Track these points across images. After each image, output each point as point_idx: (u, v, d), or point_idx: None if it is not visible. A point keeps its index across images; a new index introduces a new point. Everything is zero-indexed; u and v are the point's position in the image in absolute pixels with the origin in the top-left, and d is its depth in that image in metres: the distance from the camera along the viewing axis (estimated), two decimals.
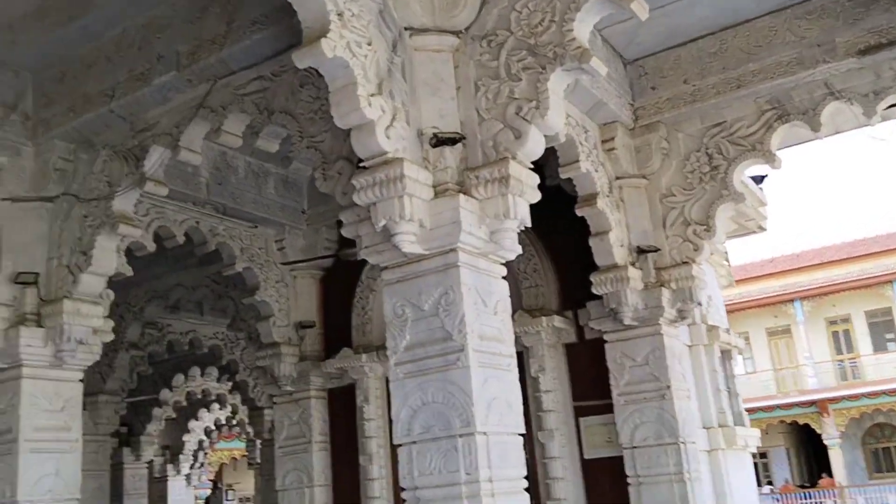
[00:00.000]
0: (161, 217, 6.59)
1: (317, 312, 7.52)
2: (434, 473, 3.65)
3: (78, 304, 5.33)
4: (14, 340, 5.20)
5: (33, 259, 5.46)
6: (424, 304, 3.84)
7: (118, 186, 5.29)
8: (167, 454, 15.60)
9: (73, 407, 5.48)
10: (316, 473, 7.16)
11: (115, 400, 8.99)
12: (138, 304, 8.79)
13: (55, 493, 5.22)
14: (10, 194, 5.46)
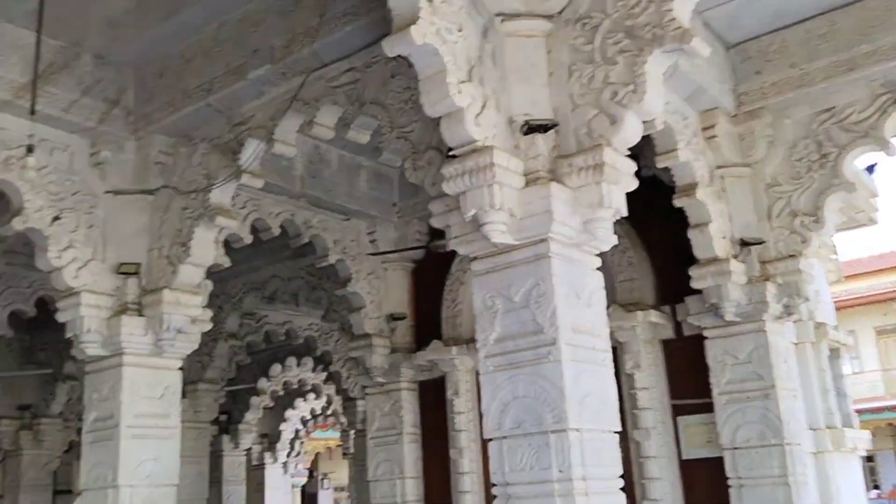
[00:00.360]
0: (257, 209, 6.69)
1: (408, 304, 7.51)
2: (525, 470, 3.56)
3: (177, 294, 5.45)
4: (116, 329, 5.36)
5: (135, 250, 5.63)
6: (515, 296, 3.74)
7: (215, 179, 5.38)
8: (265, 442, 15.99)
9: (172, 394, 5.62)
10: (407, 465, 7.16)
11: (214, 388, 9.22)
12: (237, 295, 8.98)
13: (154, 478, 5.36)
14: (113, 187, 5.64)
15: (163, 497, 5.41)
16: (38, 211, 5.25)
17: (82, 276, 5.39)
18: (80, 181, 5.53)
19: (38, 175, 5.29)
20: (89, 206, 5.54)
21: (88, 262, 5.45)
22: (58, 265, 5.31)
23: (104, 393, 5.44)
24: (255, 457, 15.84)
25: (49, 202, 5.32)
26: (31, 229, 5.25)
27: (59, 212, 5.36)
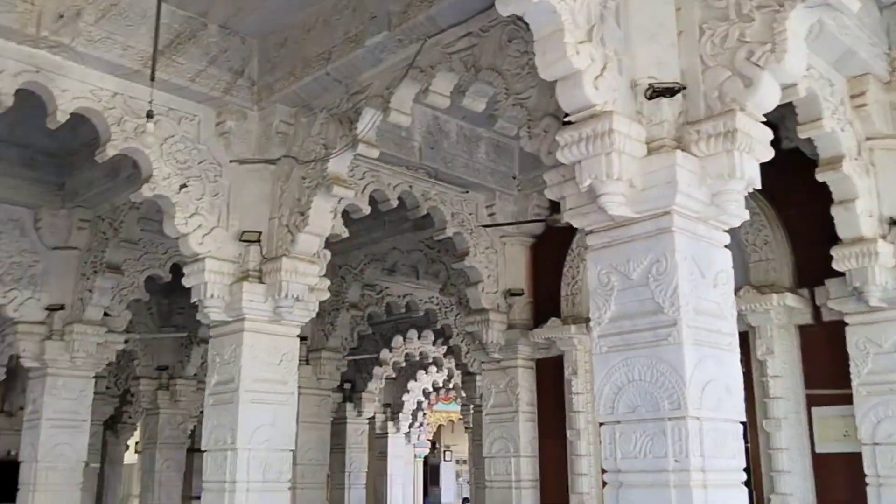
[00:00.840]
0: (376, 181, 6.68)
1: (526, 280, 7.35)
2: (639, 457, 3.34)
3: (296, 263, 5.50)
4: (237, 295, 5.47)
5: (257, 218, 5.72)
6: (633, 273, 3.51)
7: (333, 149, 5.38)
8: (388, 412, 16.28)
9: (289, 361, 5.69)
10: (522, 444, 7.03)
11: (336, 357, 9.36)
12: (358, 266, 9.07)
13: (271, 442, 5.45)
14: (237, 156, 5.74)
15: (279, 461, 5.51)
16: (166, 179, 5.40)
17: (207, 243, 5.52)
18: (206, 150, 5.65)
19: (167, 144, 5.45)
20: (214, 174, 5.66)
21: (213, 229, 5.57)
22: (184, 231, 5.45)
23: (226, 357, 5.57)
24: (379, 426, 16.16)
25: (176, 170, 5.46)
26: (159, 196, 5.41)
27: (185, 180, 5.49)
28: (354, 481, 13.36)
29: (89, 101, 5.13)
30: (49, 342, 7.41)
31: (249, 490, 5.31)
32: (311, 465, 9.08)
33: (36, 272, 7.58)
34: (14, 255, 7.49)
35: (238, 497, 5.26)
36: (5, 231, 7.48)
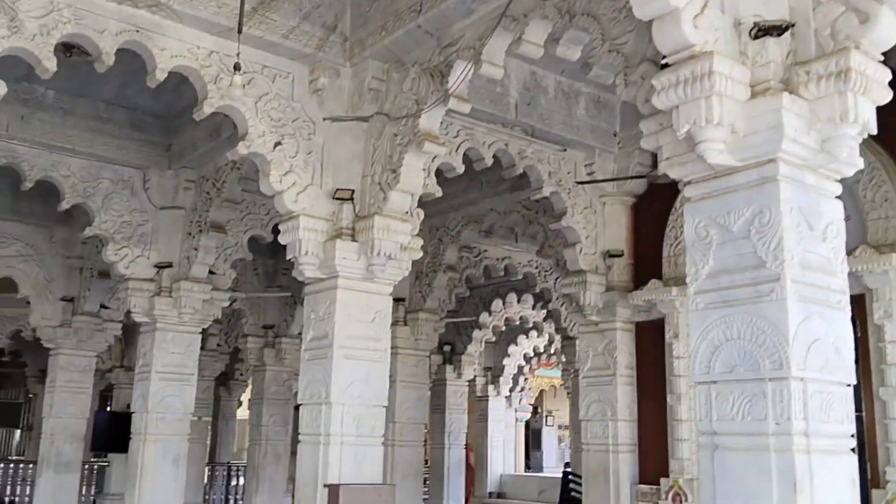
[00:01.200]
0: (470, 138, 6.57)
1: (626, 241, 7.11)
2: (736, 419, 3.16)
3: (388, 221, 5.47)
4: (331, 253, 5.50)
5: (350, 176, 5.72)
6: (733, 225, 3.30)
7: (425, 104, 5.30)
8: (488, 375, 16.31)
9: (382, 319, 5.70)
10: (620, 407, 6.86)
11: (434, 318, 9.37)
12: (455, 227, 9.02)
13: (364, 398, 5.49)
14: (330, 114, 5.74)
15: (372, 416, 5.54)
16: (261, 136, 5.46)
17: (301, 201, 5.56)
18: (300, 108, 5.68)
19: (261, 101, 5.50)
20: (308, 132, 5.68)
21: (307, 187, 5.61)
22: (279, 189, 5.51)
23: (320, 313, 5.63)
24: (479, 388, 16.23)
25: (271, 128, 5.51)
26: (254, 154, 5.47)
27: (280, 137, 5.53)
28: (454, 442, 13.47)
29: (186, 60, 5.21)
30: (158, 298, 7.69)
31: (343, 443, 5.37)
32: (408, 424, 9.16)
33: (145, 231, 7.88)
34: (125, 214, 7.79)
35: (332, 450, 5.33)
36: (116, 191, 7.78)
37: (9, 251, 9.80)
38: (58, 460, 10.01)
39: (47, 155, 7.47)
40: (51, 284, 10.05)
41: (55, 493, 9.99)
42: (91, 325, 10.10)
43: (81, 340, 10.10)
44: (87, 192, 7.66)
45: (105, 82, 7.07)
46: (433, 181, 6.14)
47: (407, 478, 9.08)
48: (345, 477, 5.32)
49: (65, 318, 10.07)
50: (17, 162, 7.36)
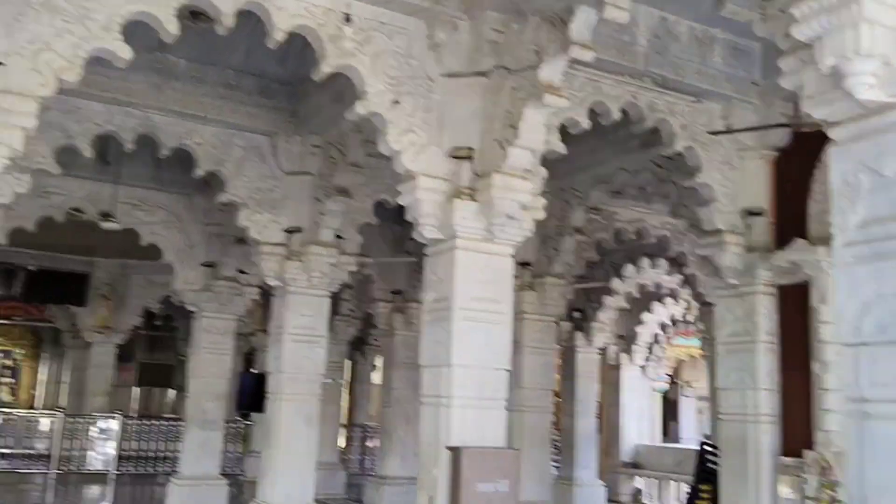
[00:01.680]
0: (596, 92, 6.26)
1: (767, 198, 6.62)
2: (890, 385, 2.81)
3: (507, 179, 5.29)
4: (450, 213, 5.37)
5: (469, 134, 5.56)
6: (886, 169, 2.92)
7: (545, 55, 5.05)
8: (621, 343, 15.89)
9: (503, 281, 5.54)
10: (760, 376, 6.44)
11: (560, 283, 9.14)
12: (583, 189, 8.72)
13: (485, 361, 5.37)
14: (448, 70, 5.59)
15: (494, 379, 5.42)
16: (378, 95, 5.38)
17: (420, 161, 5.47)
18: (418, 65, 5.56)
19: (379, 59, 5.42)
20: (426, 90, 5.57)
21: (425, 146, 5.50)
22: (397, 149, 5.43)
23: (440, 275, 5.54)
24: (612, 357, 15.84)
25: (388, 86, 5.43)
26: (372, 113, 5.41)
27: (397, 96, 5.44)
28: (584, 410, 13.21)
29: (303, 19, 5.18)
30: (288, 262, 7.86)
31: (465, 406, 5.29)
32: (535, 390, 9.02)
33: (275, 196, 8.05)
34: (256, 180, 7.98)
35: (454, 412, 5.25)
36: (247, 158, 7.98)
37: (153, 218, 10.30)
38: (202, 418, 10.53)
39: (181, 123, 7.72)
40: (192, 250, 10.50)
41: (200, 448, 10.53)
42: (230, 289, 10.50)
43: (222, 304, 10.53)
44: (220, 159, 7.88)
45: (233, 49, 7.23)
46: (556, 138, 5.90)
47: (534, 444, 8.97)
48: (466, 440, 5.24)
49: (206, 283, 10.51)
50: (154, 131, 7.64)
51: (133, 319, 17.49)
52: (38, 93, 4.37)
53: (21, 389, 22.48)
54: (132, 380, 21.48)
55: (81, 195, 9.75)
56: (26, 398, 22.35)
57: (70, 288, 16.80)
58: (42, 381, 22.44)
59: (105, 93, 7.31)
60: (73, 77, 4.51)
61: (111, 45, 4.65)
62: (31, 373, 22.61)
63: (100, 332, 17.24)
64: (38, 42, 4.41)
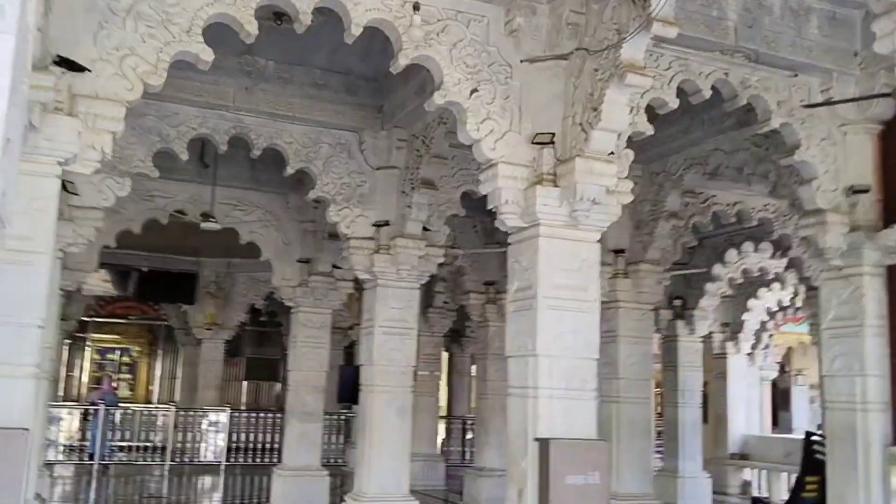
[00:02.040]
0: (684, 70, 6.01)
1: (872, 174, 6.24)
2: None
3: (590, 163, 5.16)
4: (532, 200, 5.29)
5: (550, 119, 5.46)
6: None
7: (626, 33, 4.90)
8: (727, 331, 15.38)
9: (589, 268, 5.42)
10: (869, 362, 6.08)
11: (656, 270, 8.86)
12: (677, 171, 8.45)
13: (572, 349, 5.27)
14: (527, 55, 5.50)
15: (583, 369, 5.31)
16: (456, 84, 5.35)
17: (499, 148, 5.40)
18: (496, 52, 5.50)
19: (456, 49, 5.39)
20: (505, 76, 5.50)
21: (505, 133, 5.44)
22: (476, 137, 5.39)
23: (524, 263, 5.46)
24: (717, 345, 15.36)
25: (466, 75, 5.38)
26: (451, 103, 5.38)
27: (476, 84, 5.40)
28: (688, 400, 12.83)
29: (380, 12, 5.19)
30: (377, 255, 7.93)
31: (553, 397, 5.20)
32: (633, 380, 8.79)
33: (363, 191, 8.14)
34: (344, 176, 8.09)
35: (541, 403, 5.18)
36: (335, 154, 8.09)
37: (251, 218, 10.57)
38: (302, 410, 10.77)
39: (271, 123, 7.89)
40: (289, 247, 10.73)
41: (300, 439, 10.77)
42: (325, 284, 10.68)
43: (317, 299, 10.73)
44: (309, 156, 8.02)
45: (318, 49, 7.33)
46: (643, 118, 5.73)
47: (634, 436, 8.75)
48: (555, 431, 5.15)
49: (302, 279, 10.73)
50: (246, 132, 7.83)
51: (239, 316, 18.11)
52: (124, 97, 4.51)
53: (139, 385, 23.61)
54: (241, 374, 22.26)
55: (183, 197, 10.09)
56: (144, 393, 23.47)
57: (180, 287, 17.54)
58: (157, 377, 23.51)
59: (198, 97, 7.55)
60: (158, 81, 4.65)
61: (194, 47, 4.76)
62: (148, 369, 23.73)
63: (209, 328, 17.93)
64: (123, 48, 4.56)
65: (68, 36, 4.41)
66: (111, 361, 23.57)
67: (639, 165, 8.87)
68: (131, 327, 23.13)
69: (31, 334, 4.12)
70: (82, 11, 4.48)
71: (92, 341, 22.74)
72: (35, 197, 4.20)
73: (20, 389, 4.06)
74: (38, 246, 4.18)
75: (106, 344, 23.33)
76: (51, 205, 4.24)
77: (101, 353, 23.54)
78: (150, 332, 23.39)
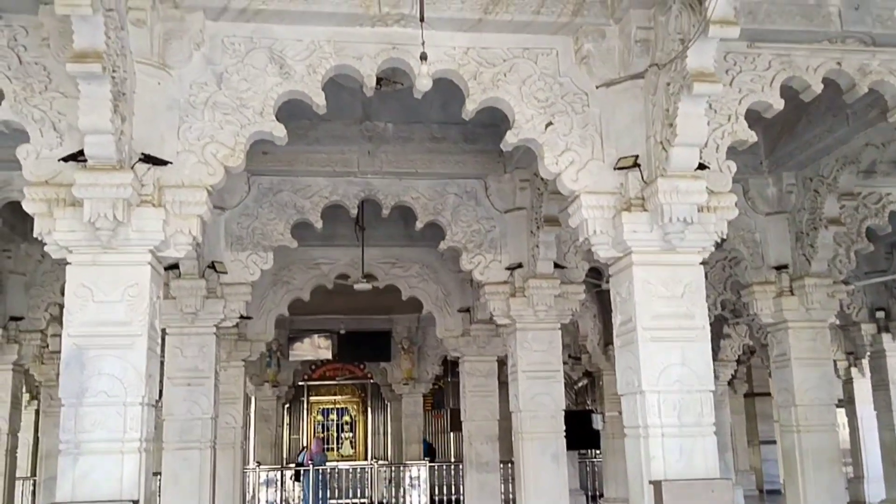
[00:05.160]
0: (787, 67, 5.51)
1: None
2: None
3: (674, 182, 4.85)
4: (620, 228, 5.05)
5: (634, 142, 5.23)
6: None
7: (689, 41, 4.61)
8: None
9: (693, 293, 5.06)
10: None
11: (825, 282, 8.05)
12: (830, 174, 7.69)
13: (683, 383, 4.92)
14: (602, 80, 5.31)
15: (698, 403, 4.92)
16: (529, 121, 5.27)
17: (582, 178, 5.22)
18: (569, 81, 5.35)
19: (525, 85, 5.31)
20: (581, 105, 5.33)
21: (587, 162, 5.25)
22: (556, 171, 5.25)
23: (623, 295, 5.20)
24: None
25: (539, 110, 5.28)
26: (526, 140, 5.30)
27: (550, 117, 5.28)
28: None
29: (444, 63, 5.24)
30: (513, 299, 7.88)
31: (665, 435, 4.87)
32: (812, 406, 7.99)
33: (494, 236, 8.16)
34: (473, 223, 8.16)
35: (653, 442, 4.86)
36: (462, 203, 8.19)
37: (410, 273, 10.87)
38: (477, 460, 10.77)
39: (397, 182, 8.14)
40: (448, 298, 10.90)
41: (480, 490, 10.74)
42: (487, 331, 10.68)
43: (480, 346, 10.75)
44: (437, 208, 8.16)
45: (430, 105, 7.50)
46: (743, 126, 5.32)
47: (820, 467, 7.93)
48: (672, 472, 4.81)
49: (464, 328, 10.83)
50: (374, 193, 8.13)
51: (433, 369, 18.57)
52: (207, 182, 4.86)
53: (357, 442, 24.72)
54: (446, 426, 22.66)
55: (345, 262, 10.59)
56: (363, 450, 24.52)
57: (376, 345, 18.32)
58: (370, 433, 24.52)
59: (326, 167, 7.97)
60: (237, 163, 4.96)
61: (268, 126, 5.04)
62: (363, 426, 24.81)
63: (406, 383, 18.51)
64: (204, 137, 4.93)
65: (153, 134, 4.84)
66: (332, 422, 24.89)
67: (791, 174, 8.22)
68: (345, 387, 24.33)
69: (134, 412, 4.48)
70: (164, 110, 4.91)
71: (309, 404, 24.14)
72: (130, 284, 4.60)
73: (127, 464, 4.42)
74: (136, 329, 4.57)
75: (325, 405, 24.69)
76: (145, 290, 4.62)
77: (323, 413, 24.93)
78: (361, 391, 24.49)
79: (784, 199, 8.17)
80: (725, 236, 5.29)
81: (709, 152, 5.14)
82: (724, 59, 5.34)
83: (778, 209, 8.23)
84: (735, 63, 5.40)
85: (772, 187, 8.21)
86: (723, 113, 5.28)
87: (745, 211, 8.16)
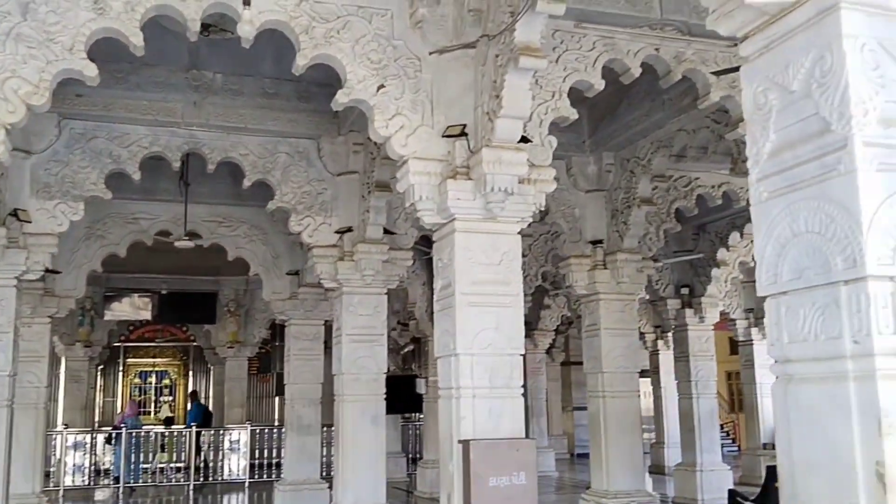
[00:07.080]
0: (610, 49, 5.78)
1: None
2: (808, 340, 2.34)
3: (498, 152, 4.97)
4: (445, 194, 5.13)
5: (463, 110, 5.29)
6: (793, 82, 2.44)
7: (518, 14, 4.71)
8: (750, 318, 14.89)
9: (511, 261, 5.22)
10: None
11: (635, 258, 8.59)
12: (645, 156, 8.17)
13: (495, 347, 5.08)
14: (435, 46, 5.34)
15: (508, 366, 5.11)
16: (361, 82, 5.22)
17: (411, 144, 5.25)
18: (402, 45, 5.35)
19: (359, 45, 5.25)
20: (414, 70, 5.34)
21: (417, 128, 5.28)
22: (385, 135, 5.24)
23: (444, 260, 5.30)
24: (741, 332, 14.87)
25: (371, 71, 5.24)
26: (356, 101, 5.25)
27: (383, 80, 5.25)
28: (702, 391, 12.43)
29: (275, 14, 5.08)
30: (341, 263, 7.83)
31: (476, 396, 5.02)
32: (618, 374, 8.53)
33: (325, 198, 8.06)
34: (304, 184, 8.02)
35: (464, 403, 5.00)
36: (293, 163, 8.02)
37: (237, 233, 10.54)
38: (299, 423, 10.70)
39: (225, 136, 7.85)
40: (277, 260, 10.69)
41: (299, 453, 10.71)
42: (315, 295, 10.58)
43: (308, 310, 10.66)
44: (267, 167, 7.96)
45: (263, 58, 7.26)
46: (565, 103, 5.52)
47: (622, 431, 8.48)
48: (480, 432, 4.97)
49: (292, 291, 10.68)
50: (199, 147, 7.81)
51: (260, 332, 18.20)
52: (5, 120, 4.49)
53: (178, 406, 23.91)
54: (272, 390, 22.36)
55: (167, 218, 10.13)
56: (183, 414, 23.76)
57: (200, 307, 17.71)
58: None
59: (147, 115, 7.55)
60: (41, 101, 4.61)
61: (77, 64, 4.71)
62: (184, 390, 24.02)
63: (231, 346, 18.06)
64: (4, 71, 4.54)
65: None
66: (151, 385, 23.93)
67: (611, 154, 8.64)
68: (165, 350, 23.42)
69: None
70: None
71: (126, 366, 23.08)
72: None
73: None
74: None
75: (143, 368, 23.68)
76: None
77: (141, 376, 23.89)
78: (182, 354, 23.67)
79: (603, 177, 8.59)
80: (543, 208, 5.50)
81: (532, 126, 5.30)
82: (553, 37, 5.52)
83: (597, 187, 8.64)
84: (562, 42, 5.59)
85: (592, 166, 8.60)
86: (547, 89, 5.47)
87: (567, 188, 8.52)
